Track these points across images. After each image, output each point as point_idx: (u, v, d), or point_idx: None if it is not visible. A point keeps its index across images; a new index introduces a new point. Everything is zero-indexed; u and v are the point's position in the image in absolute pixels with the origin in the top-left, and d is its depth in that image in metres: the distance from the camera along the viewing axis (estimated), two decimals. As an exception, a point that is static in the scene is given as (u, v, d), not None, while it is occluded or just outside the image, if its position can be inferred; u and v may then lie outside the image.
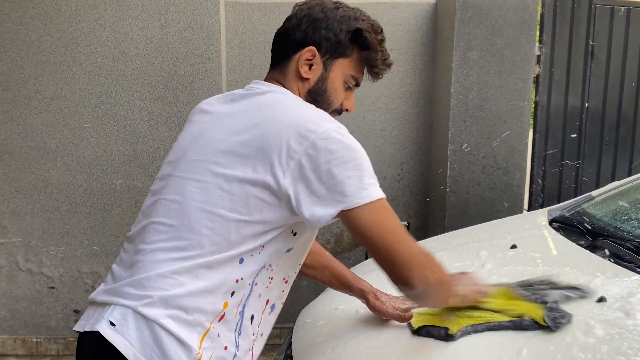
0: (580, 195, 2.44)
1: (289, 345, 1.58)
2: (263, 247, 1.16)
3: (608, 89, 3.40)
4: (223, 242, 1.13)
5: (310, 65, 1.26)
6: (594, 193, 2.25)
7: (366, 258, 3.28)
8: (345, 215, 1.11)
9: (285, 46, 1.28)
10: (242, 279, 1.15)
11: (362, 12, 1.31)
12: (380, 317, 1.46)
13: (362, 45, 1.27)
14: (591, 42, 3.32)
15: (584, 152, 3.42)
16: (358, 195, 1.10)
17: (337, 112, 1.32)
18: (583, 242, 1.73)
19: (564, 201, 2.44)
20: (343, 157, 1.11)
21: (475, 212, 2.94)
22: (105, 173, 2.87)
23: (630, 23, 3.34)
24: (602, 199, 2.16)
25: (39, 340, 3.01)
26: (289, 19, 1.31)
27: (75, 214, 2.90)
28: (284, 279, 1.27)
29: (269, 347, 3.21)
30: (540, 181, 3.38)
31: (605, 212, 2.03)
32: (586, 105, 3.38)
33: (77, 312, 2.98)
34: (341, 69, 1.27)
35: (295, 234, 1.21)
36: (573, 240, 1.77)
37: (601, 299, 1.34)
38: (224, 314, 1.15)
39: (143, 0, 2.75)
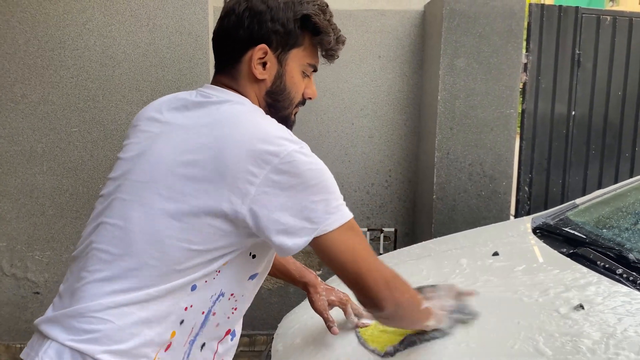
0: (566, 202, 2.45)
1: (268, 353, 1.58)
2: (219, 272, 1.08)
3: (594, 97, 3.43)
4: (171, 273, 1.04)
5: (264, 64, 1.15)
6: (578, 201, 2.26)
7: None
8: (314, 242, 1.03)
9: (230, 48, 1.16)
10: (191, 306, 1.07)
11: None
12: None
13: (313, 30, 1.17)
14: (577, 51, 3.34)
15: (571, 159, 3.44)
16: (325, 221, 1.02)
17: (301, 104, 1.24)
18: (565, 250, 1.74)
19: (550, 208, 2.45)
20: (307, 181, 1.02)
21: (462, 219, 2.95)
22: (91, 178, 2.86)
23: (616, 32, 3.37)
24: (585, 207, 2.17)
25: (22, 346, 2.99)
26: (226, 15, 1.17)
27: (61, 218, 2.89)
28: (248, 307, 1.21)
29: (255, 354, 3.20)
30: (526, 188, 3.40)
31: (588, 220, 2.05)
32: (573, 113, 3.40)
33: (62, 318, 2.96)
34: (296, 59, 1.17)
35: (254, 257, 1.13)
36: (555, 248, 1.78)
37: (580, 307, 1.35)
38: (171, 343, 1.07)
39: (131, 5, 2.75)
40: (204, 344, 1.14)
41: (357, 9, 3.16)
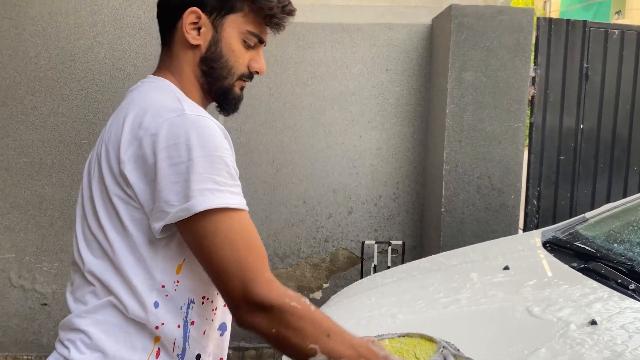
0: (575, 216, 2.44)
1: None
2: (177, 281, 1.02)
3: (603, 110, 3.43)
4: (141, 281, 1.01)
5: (199, 30, 1.08)
6: (587, 215, 2.25)
7: (361, 277, 3.27)
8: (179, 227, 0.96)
9: (165, 14, 1.11)
10: (162, 324, 1.01)
11: None
12: None
13: None
14: (585, 65, 3.35)
15: (579, 173, 3.43)
16: (181, 205, 0.93)
17: (247, 78, 1.15)
18: (576, 265, 1.73)
19: (559, 222, 2.44)
20: (175, 156, 0.93)
21: (470, 232, 2.94)
22: (100, 189, 2.87)
23: (624, 46, 3.37)
24: (595, 221, 2.16)
25: (30, 357, 2.98)
26: None
27: (69, 230, 2.89)
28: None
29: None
30: (535, 202, 3.39)
31: (598, 234, 2.04)
32: (581, 126, 3.40)
33: (69, 329, 2.95)
34: (235, 26, 1.09)
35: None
36: (566, 263, 1.77)
37: (592, 322, 1.34)
38: (159, 349, 1.02)
39: (141, 18, 2.78)
40: (198, 356, 1.07)
41: (365, 23, 3.18)
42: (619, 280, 1.56)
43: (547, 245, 1.97)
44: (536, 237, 2.10)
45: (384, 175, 3.25)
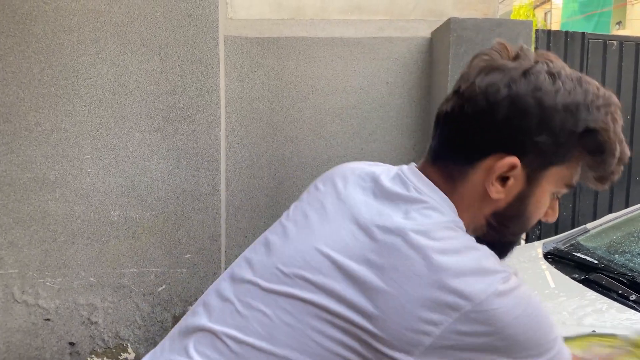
0: (577, 226, 2.45)
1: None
2: None
3: (603, 121, 3.43)
4: None
5: (506, 179, 0.79)
6: (589, 225, 2.25)
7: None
8: None
9: (465, 143, 0.80)
10: None
11: (593, 87, 0.80)
12: None
13: (594, 148, 0.80)
14: (585, 76, 3.36)
15: (580, 184, 3.43)
16: None
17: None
18: (577, 276, 1.73)
19: (561, 233, 2.44)
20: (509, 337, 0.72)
21: (472, 244, 2.93)
22: (103, 204, 2.88)
23: (623, 57, 3.39)
24: (597, 232, 2.16)
25: (33, 373, 2.98)
26: (472, 97, 0.79)
27: (72, 245, 2.90)
28: None
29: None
30: (537, 213, 3.39)
31: (599, 245, 2.04)
32: (581, 137, 3.40)
33: (72, 345, 2.96)
34: (553, 180, 0.82)
35: None
36: (567, 274, 1.77)
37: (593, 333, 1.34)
38: None
39: (143, 34, 2.81)
40: None
41: (365, 37, 3.21)
42: (620, 292, 1.56)
43: (549, 256, 1.97)
44: (537, 248, 2.11)
45: (386, 188, 3.26)
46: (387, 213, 0.78)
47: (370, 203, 0.80)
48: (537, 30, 3.32)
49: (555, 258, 1.94)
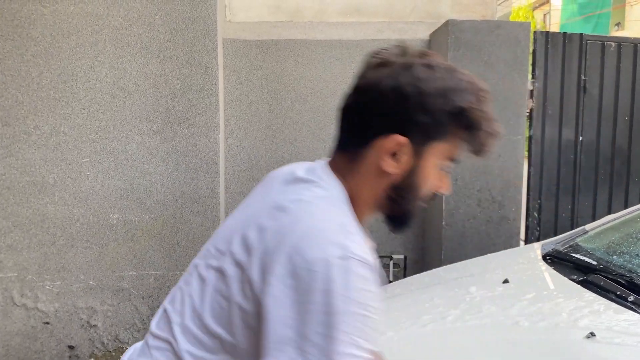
0: (577, 227, 2.45)
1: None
2: None
3: (601, 122, 3.44)
4: None
5: (396, 155, 0.96)
6: (587, 227, 2.25)
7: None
8: None
9: (360, 128, 0.98)
10: None
11: (461, 75, 0.98)
12: None
13: (467, 125, 0.96)
14: (583, 77, 3.37)
15: (579, 185, 3.44)
16: None
17: (430, 198, 1.06)
18: (575, 277, 1.73)
19: (560, 234, 2.44)
20: (327, 304, 0.84)
21: (472, 245, 2.94)
22: (102, 207, 2.89)
23: (621, 58, 3.40)
24: (595, 233, 2.16)
25: (32, 376, 2.98)
26: (365, 90, 0.98)
27: (71, 248, 2.90)
28: None
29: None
30: (536, 214, 3.39)
31: (598, 246, 2.04)
32: (580, 138, 3.41)
33: (72, 348, 2.96)
34: (437, 153, 0.98)
35: None
36: (566, 275, 1.77)
37: (591, 335, 1.34)
38: None
39: (142, 37, 2.81)
40: None
41: (364, 39, 3.21)
42: (618, 293, 1.56)
43: (547, 257, 1.97)
44: (536, 249, 2.11)
45: (385, 190, 3.26)
46: (287, 191, 0.99)
47: (282, 188, 1.00)
48: (535, 32, 3.33)
49: (554, 259, 1.94)
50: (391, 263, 3.27)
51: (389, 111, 0.94)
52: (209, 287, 0.97)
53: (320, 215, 0.92)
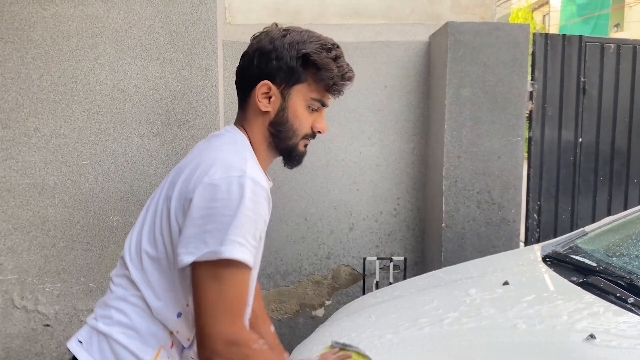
0: (576, 229, 2.45)
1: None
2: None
3: (601, 124, 3.44)
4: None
5: (269, 98, 1.29)
6: (587, 228, 2.26)
7: (363, 294, 3.27)
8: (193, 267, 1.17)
9: (243, 84, 1.33)
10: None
11: (311, 34, 1.31)
12: None
13: (315, 67, 1.28)
14: (582, 79, 3.37)
15: (579, 186, 3.44)
16: (213, 248, 1.13)
17: (311, 137, 1.39)
18: (575, 279, 1.73)
19: (560, 235, 2.44)
20: (225, 208, 1.14)
21: (471, 247, 2.94)
22: (102, 210, 2.89)
23: (620, 60, 3.40)
24: (595, 235, 2.17)
25: (32, 378, 2.98)
26: (242, 57, 1.34)
27: (72, 250, 2.91)
28: None
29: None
30: (535, 216, 3.39)
31: (598, 247, 2.04)
32: (580, 140, 3.41)
33: (72, 350, 2.95)
34: (301, 94, 1.30)
35: None
36: (566, 277, 1.77)
37: (591, 337, 1.34)
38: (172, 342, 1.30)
39: (142, 40, 2.81)
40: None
41: (364, 41, 3.22)
42: (618, 294, 1.56)
43: (547, 259, 1.97)
44: (536, 251, 2.11)
45: (385, 191, 3.26)
46: (203, 145, 1.32)
47: (202, 146, 1.32)
48: (534, 34, 3.33)
49: (554, 261, 1.94)
50: (391, 265, 3.27)
51: (256, 65, 1.29)
52: (147, 219, 1.29)
53: (226, 152, 1.23)
